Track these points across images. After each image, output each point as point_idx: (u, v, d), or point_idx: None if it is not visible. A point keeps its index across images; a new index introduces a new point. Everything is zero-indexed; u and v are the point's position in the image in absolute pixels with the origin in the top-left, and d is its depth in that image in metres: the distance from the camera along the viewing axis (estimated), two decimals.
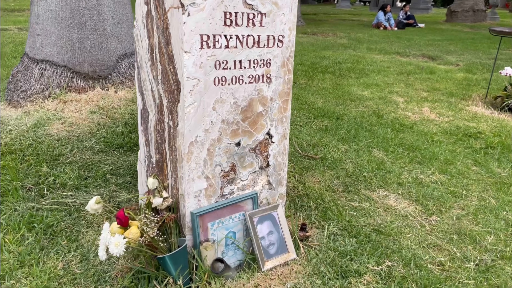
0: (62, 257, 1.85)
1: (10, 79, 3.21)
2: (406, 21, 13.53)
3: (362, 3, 43.53)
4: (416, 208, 2.51)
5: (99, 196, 1.76)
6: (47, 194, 2.27)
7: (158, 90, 1.84)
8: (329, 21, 16.28)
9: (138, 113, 2.10)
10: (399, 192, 2.67)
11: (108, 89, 3.21)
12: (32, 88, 3.04)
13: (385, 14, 13.00)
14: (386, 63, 7.00)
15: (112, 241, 1.53)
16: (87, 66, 3.13)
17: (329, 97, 4.72)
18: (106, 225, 1.58)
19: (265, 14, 1.74)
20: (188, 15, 1.56)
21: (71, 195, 2.29)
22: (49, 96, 3.04)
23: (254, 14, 1.72)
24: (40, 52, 3.09)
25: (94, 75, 3.17)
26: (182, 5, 1.54)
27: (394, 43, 9.72)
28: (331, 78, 5.74)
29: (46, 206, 2.16)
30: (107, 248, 1.55)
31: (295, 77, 5.61)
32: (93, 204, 1.72)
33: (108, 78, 3.23)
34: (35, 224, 2.01)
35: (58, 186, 2.34)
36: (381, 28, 12.77)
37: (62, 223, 2.06)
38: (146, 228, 1.59)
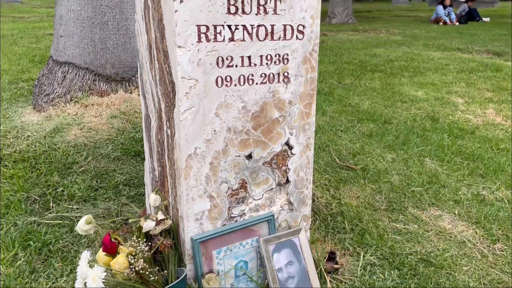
0: (53, 282, 1.64)
1: (36, 83, 3.12)
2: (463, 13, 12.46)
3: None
4: (476, 232, 2.07)
5: (90, 215, 1.52)
6: (52, 207, 2.09)
7: (157, 92, 1.58)
8: (383, 18, 15.49)
9: (142, 119, 1.85)
10: (456, 211, 2.24)
11: (131, 92, 3.03)
12: (55, 92, 2.93)
13: (444, 8, 12.08)
14: (444, 61, 6.37)
15: (90, 274, 1.28)
16: (109, 68, 2.97)
17: (377, 98, 4.27)
18: (85, 253, 1.34)
19: None
20: (181, 1, 1.28)
21: (77, 208, 2.09)
22: (71, 100, 2.91)
23: None
24: (63, 54, 2.98)
25: (117, 77, 3.01)
26: None
27: (455, 38, 8.94)
28: (381, 77, 5.26)
29: (48, 221, 1.98)
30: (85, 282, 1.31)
31: (340, 77, 5.20)
32: (83, 225, 1.49)
33: (131, 80, 3.05)
34: (31, 242, 1.83)
35: (65, 198, 2.16)
36: (441, 23, 11.87)
37: (61, 241, 1.86)
38: (132, 259, 1.33)
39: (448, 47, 7.74)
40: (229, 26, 1.37)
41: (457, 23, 11.95)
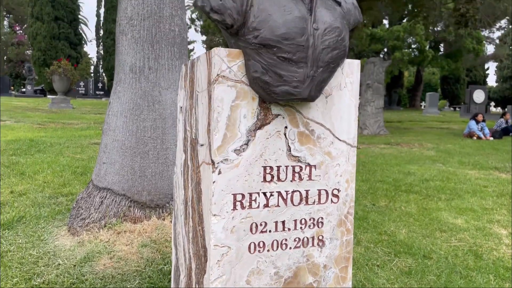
0: None
1: (74, 205, 3.22)
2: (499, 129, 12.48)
3: (451, 108, 42.29)
4: None
5: None
6: None
7: (188, 250, 1.56)
8: (414, 129, 15.69)
9: (171, 267, 1.82)
10: None
11: (164, 219, 3.06)
12: (91, 217, 2.99)
13: (477, 123, 12.16)
14: (482, 181, 6.21)
15: None
16: (145, 195, 3.05)
17: (414, 226, 4.11)
18: None
19: (315, 166, 1.45)
20: (219, 173, 1.32)
21: None
22: (105, 226, 2.95)
23: (301, 167, 1.43)
24: (103, 180, 3.10)
25: (152, 204, 3.07)
26: (213, 162, 1.32)
27: (491, 155, 8.82)
28: (417, 199, 5.13)
29: None
30: None
31: (373, 198, 5.11)
32: None
33: (165, 207, 3.11)
34: None
35: None
36: (474, 138, 11.86)
37: None
38: None
39: (485, 165, 7.61)
40: (264, 193, 1.39)
41: (491, 138, 11.90)
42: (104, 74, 41.19)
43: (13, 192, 4.38)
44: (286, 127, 1.40)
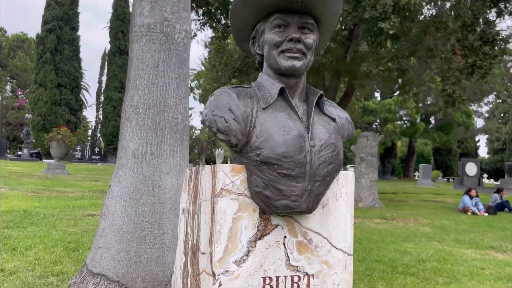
0: None
1: None
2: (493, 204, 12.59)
3: (445, 179, 42.58)
4: None
5: None
6: None
7: None
8: (409, 202, 15.72)
9: None
10: None
11: None
12: None
13: (471, 199, 12.24)
14: (479, 263, 6.14)
15: None
16: (139, 282, 3.01)
17: None
18: None
19: (313, 275, 1.49)
20: (220, 285, 1.35)
21: None
22: None
23: (299, 277, 1.47)
24: (97, 265, 3.08)
25: None
26: (214, 274, 1.35)
27: (486, 233, 8.80)
28: (414, 283, 5.04)
29: None
30: None
31: (370, 280, 5.02)
32: None
33: None
34: None
35: None
36: (469, 213, 11.88)
37: None
38: None
39: (481, 244, 7.57)
40: None
41: (486, 214, 11.92)
42: (101, 139, 41.63)
43: (3, 270, 4.28)
44: (285, 237, 1.46)
